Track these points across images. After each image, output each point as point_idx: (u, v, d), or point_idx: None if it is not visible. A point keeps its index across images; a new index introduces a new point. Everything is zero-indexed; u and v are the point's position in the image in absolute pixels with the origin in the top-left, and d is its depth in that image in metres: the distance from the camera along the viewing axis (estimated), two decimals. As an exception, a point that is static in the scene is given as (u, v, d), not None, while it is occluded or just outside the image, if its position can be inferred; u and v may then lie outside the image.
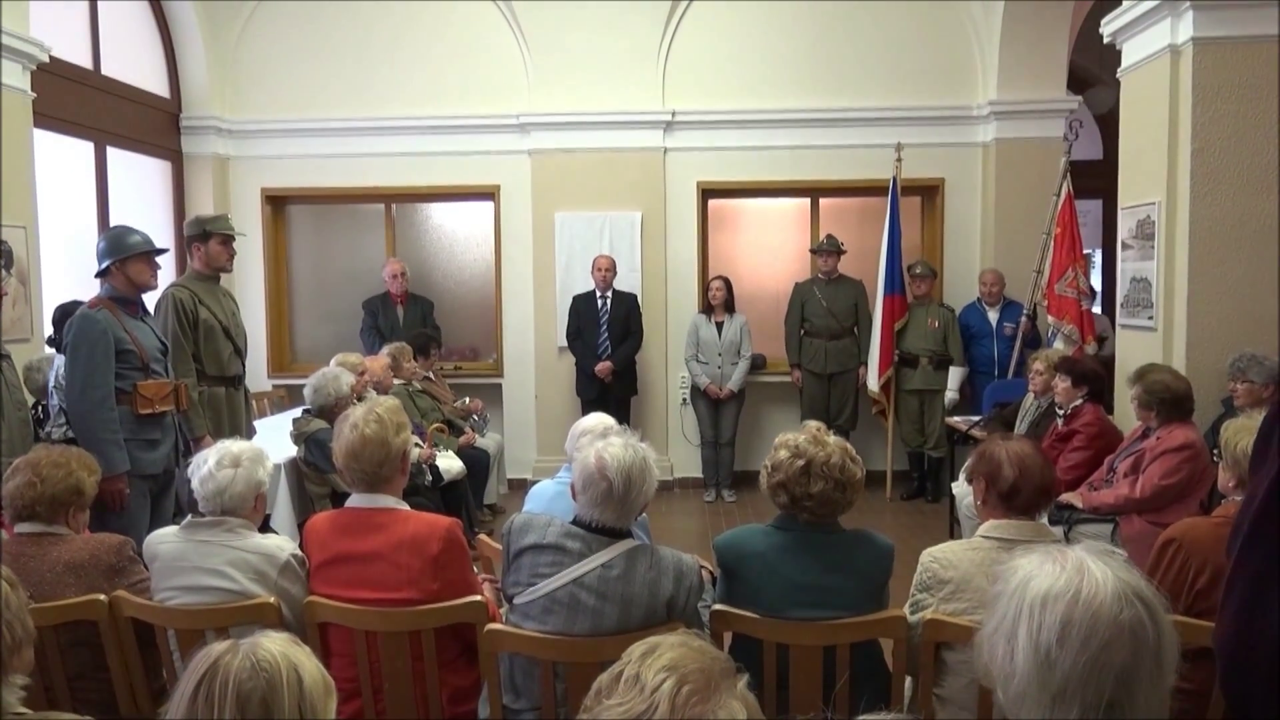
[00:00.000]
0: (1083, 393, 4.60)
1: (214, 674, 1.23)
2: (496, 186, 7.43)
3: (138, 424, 3.82)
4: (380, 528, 2.44)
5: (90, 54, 6.26)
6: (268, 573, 2.48)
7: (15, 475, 2.56)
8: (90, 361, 3.70)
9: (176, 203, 7.26)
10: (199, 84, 7.26)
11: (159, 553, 2.53)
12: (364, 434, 2.46)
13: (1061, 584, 1.14)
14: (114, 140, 6.47)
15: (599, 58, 7.13)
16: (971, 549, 2.35)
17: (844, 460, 2.37)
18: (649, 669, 1.10)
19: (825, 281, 6.97)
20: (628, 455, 2.24)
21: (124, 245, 3.89)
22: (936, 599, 2.33)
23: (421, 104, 7.35)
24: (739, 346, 6.89)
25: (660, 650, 1.13)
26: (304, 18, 7.34)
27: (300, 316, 7.90)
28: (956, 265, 7.36)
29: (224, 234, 4.47)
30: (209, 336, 4.35)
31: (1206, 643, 1.68)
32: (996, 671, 1.17)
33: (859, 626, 2.29)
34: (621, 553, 2.22)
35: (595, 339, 6.80)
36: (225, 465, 2.52)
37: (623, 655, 1.16)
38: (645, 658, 1.12)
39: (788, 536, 2.37)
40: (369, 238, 7.78)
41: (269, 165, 7.50)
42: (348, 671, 2.43)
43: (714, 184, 7.39)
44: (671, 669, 1.10)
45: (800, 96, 7.23)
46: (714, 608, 2.36)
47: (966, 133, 7.28)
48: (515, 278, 7.47)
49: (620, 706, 1.08)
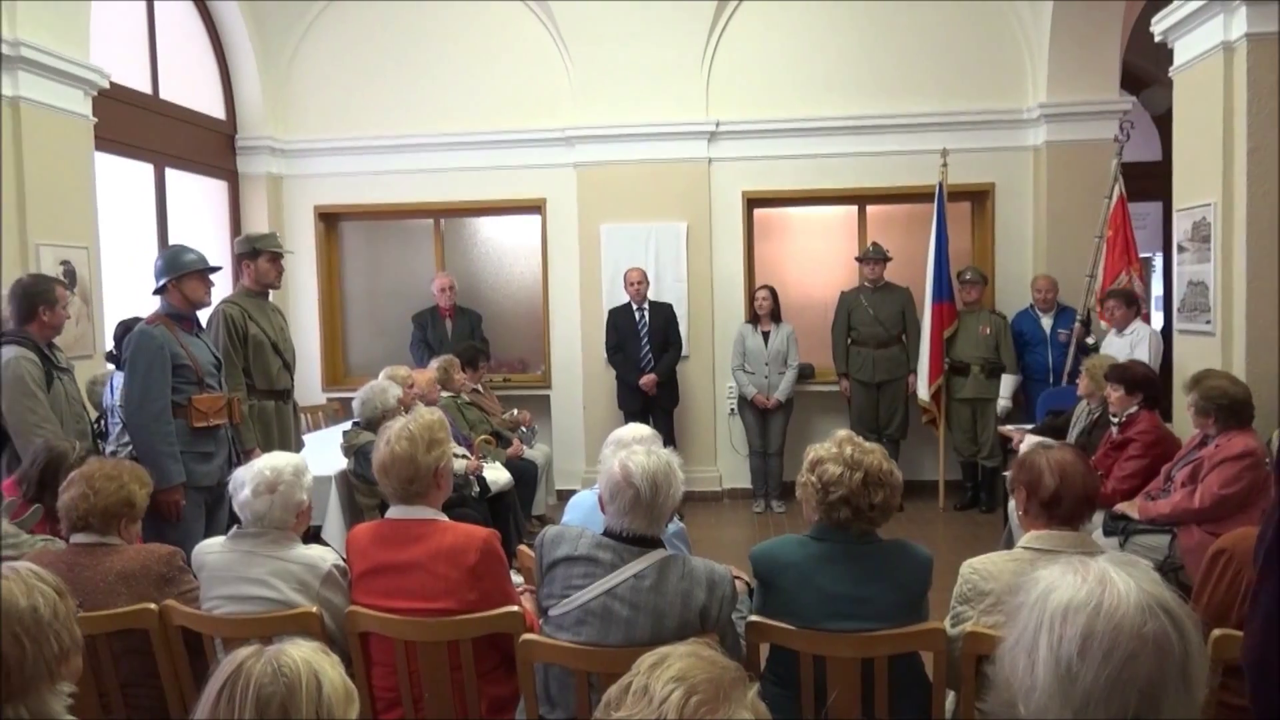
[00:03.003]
0: (1137, 400, 4.49)
1: (237, 676, 1.26)
2: (543, 200, 7.50)
3: (193, 437, 3.92)
4: (419, 538, 2.47)
5: (149, 79, 6.47)
6: (310, 583, 2.53)
7: (70, 487, 2.64)
8: (148, 376, 3.81)
9: (233, 221, 7.46)
10: (253, 106, 7.46)
11: (206, 563, 2.60)
12: (394, 451, 2.51)
13: (1083, 595, 1.11)
14: (172, 162, 6.67)
15: (642, 69, 7.17)
16: (1012, 560, 2.31)
17: (890, 465, 2.37)
18: (657, 680, 1.10)
19: (872, 289, 6.91)
20: (651, 461, 2.25)
21: (179, 263, 4.01)
22: (977, 611, 2.28)
23: (468, 120, 7.45)
24: (786, 356, 6.85)
25: (669, 661, 1.13)
26: (351, 40, 7.51)
27: (352, 331, 8.05)
28: (1008, 271, 7.23)
29: (272, 251, 4.57)
30: (258, 351, 4.45)
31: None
32: (1017, 685, 1.14)
33: (897, 638, 2.26)
34: (653, 563, 2.22)
35: (637, 352, 6.79)
36: (261, 492, 2.56)
37: (632, 666, 1.15)
38: (654, 669, 1.12)
39: (825, 547, 2.35)
40: (418, 252, 7.91)
41: (321, 183, 7.67)
42: (388, 680, 2.47)
43: (759, 193, 7.37)
44: (680, 679, 1.10)
45: (845, 103, 7.19)
46: (750, 618, 2.35)
47: (1016, 136, 7.16)
48: (562, 290, 7.53)
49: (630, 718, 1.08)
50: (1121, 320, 5.77)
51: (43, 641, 1.51)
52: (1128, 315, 5.78)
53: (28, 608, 1.51)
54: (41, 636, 1.51)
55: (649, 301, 6.85)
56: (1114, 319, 5.83)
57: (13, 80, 4.82)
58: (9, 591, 1.51)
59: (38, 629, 1.51)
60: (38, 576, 1.58)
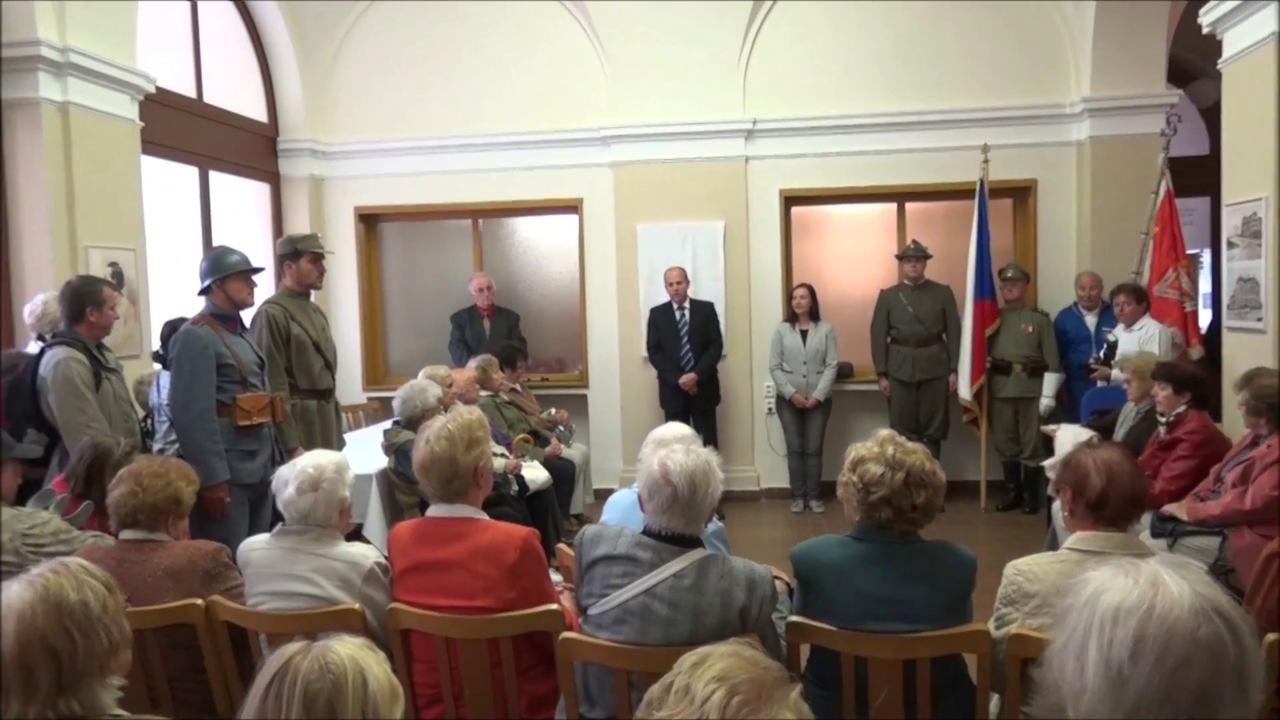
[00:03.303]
0: (1185, 399, 4.40)
1: (284, 672, 1.28)
2: (579, 200, 7.51)
3: (236, 435, 3.98)
4: (459, 536, 2.49)
5: (194, 83, 6.58)
6: (352, 580, 2.55)
7: (119, 485, 2.69)
8: (193, 375, 3.87)
9: (275, 223, 7.56)
10: (294, 109, 7.56)
11: (251, 559, 2.63)
12: (434, 450, 2.52)
13: (1134, 598, 1.09)
14: (216, 164, 6.78)
15: (678, 68, 7.15)
16: (1058, 561, 2.27)
17: (933, 465, 2.34)
18: (699, 679, 1.10)
19: (912, 288, 6.84)
20: (690, 460, 2.24)
21: (223, 264, 4.07)
22: (1022, 613, 2.25)
23: (506, 121, 7.49)
24: (824, 355, 6.81)
25: (711, 660, 1.12)
26: (389, 43, 7.58)
27: (392, 330, 8.13)
28: (1051, 268, 7.13)
29: (314, 252, 4.62)
30: (300, 351, 4.50)
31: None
32: (1066, 688, 1.12)
33: (940, 640, 2.23)
34: (693, 562, 2.21)
35: (677, 351, 6.79)
36: (305, 490, 2.58)
37: (674, 666, 1.15)
38: (695, 668, 1.12)
39: (865, 547, 2.33)
40: (456, 253, 7.96)
41: (360, 184, 7.75)
42: (430, 677, 2.48)
43: (797, 191, 7.33)
44: (722, 679, 1.09)
45: (883, 100, 7.12)
46: (790, 619, 2.33)
47: (1059, 131, 7.05)
48: (599, 289, 7.54)
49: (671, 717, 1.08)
50: (1131, 316, 5.79)
51: (93, 636, 1.54)
52: (1137, 311, 5.81)
53: (78, 602, 1.54)
54: (92, 631, 1.54)
55: (689, 300, 6.84)
56: (1123, 314, 5.82)
57: (62, 86, 4.93)
58: (60, 587, 1.55)
59: (88, 623, 1.54)
60: (88, 572, 1.61)
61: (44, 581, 1.54)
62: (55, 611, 1.51)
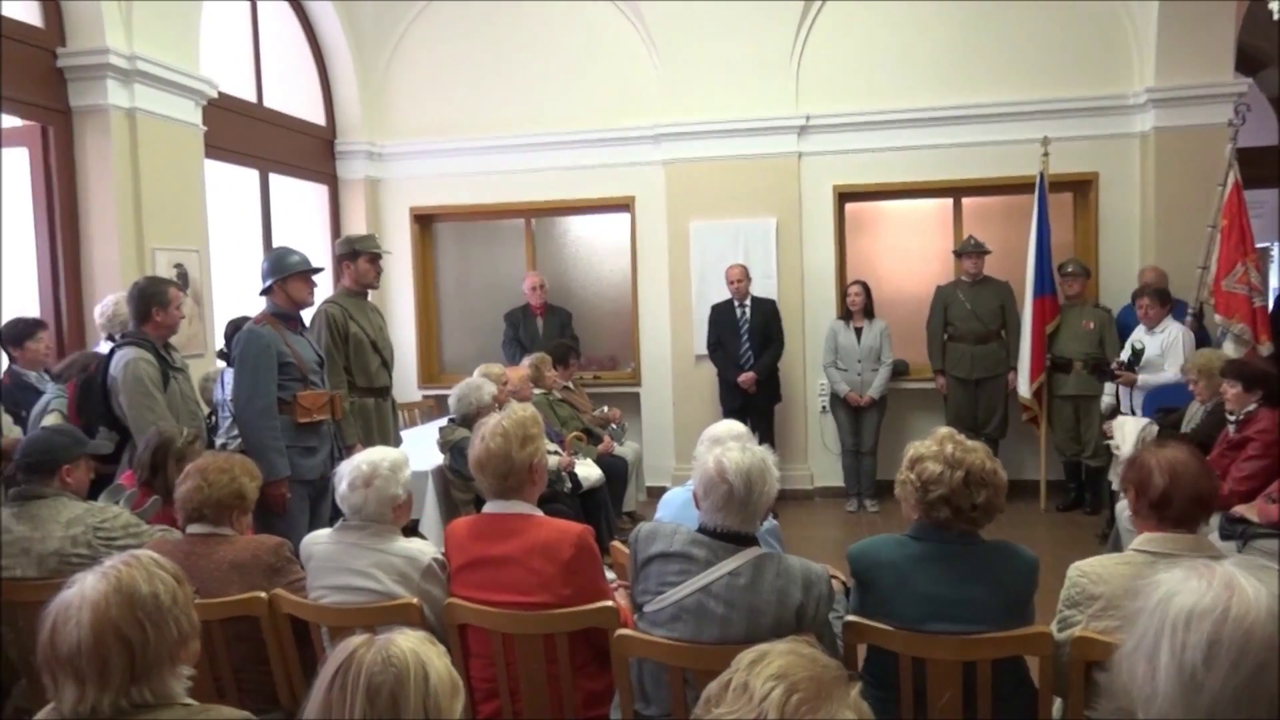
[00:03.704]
0: (1256, 397, 4.27)
1: (349, 665, 1.30)
2: (631, 198, 7.52)
3: (297, 432, 4.06)
4: (514, 533, 2.51)
5: (254, 88, 6.72)
6: (410, 575, 2.59)
7: (186, 480, 2.76)
8: (256, 374, 3.96)
9: (332, 224, 7.70)
10: (351, 111, 7.68)
11: (313, 553, 2.68)
12: (489, 447, 2.55)
13: (1208, 601, 1.06)
14: (275, 167, 6.92)
15: (731, 65, 7.12)
16: (1124, 563, 2.22)
17: (994, 464, 2.31)
18: (757, 677, 1.09)
19: (970, 284, 6.73)
20: (746, 458, 2.23)
21: (284, 265, 4.15)
22: (1086, 615, 2.20)
23: (558, 120, 7.53)
24: (879, 352, 6.74)
25: (769, 658, 1.12)
26: (443, 46, 7.66)
27: (447, 329, 8.23)
28: (1113, 263, 6.96)
29: (371, 252, 4.69)
30: (358, 350, 4.57)
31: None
32: (1136, 692, 1.10)
33: (1000, 642, 2.19)
34: (748, 560, 2.20)
35: (736, 349, 6.75)
36: (358, 486, 2.62)
37: (731, 663, 1.14)
38: (754, 666, 1.11)
39: (924, 546, 2.30)
40: (510, 252, 8.03)
41: (415, 185, 7.86)
42: (486, 672, 2.51)
43: (850, 187, 7.25)
44: (780, 677, 1.09)
45: (939, 93, 7.02)
46: (847, 619, 2.31)
47: (1122, 123, 6.88)
48: (651, 287, 7.54)
49: (730, 715, 1.07)
50: (1155, 318, 5.77)
51: (163, 626, 1.58)
52: (1161, 313, 5.80)
53: (149, 594, 1.58)
54: (162, 621, 1.58)
55: (751, 298, 6.80)
56: (1147, 317, 5.78)
57: (130, 92, 5.08)
58: (132, 579, 1.58)
59: (159, 614, 1.58)
60: (158, 564, 1.66)
61: (117, 573, 1.58)
62: (128, 602, 1.55)
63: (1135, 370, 5.76)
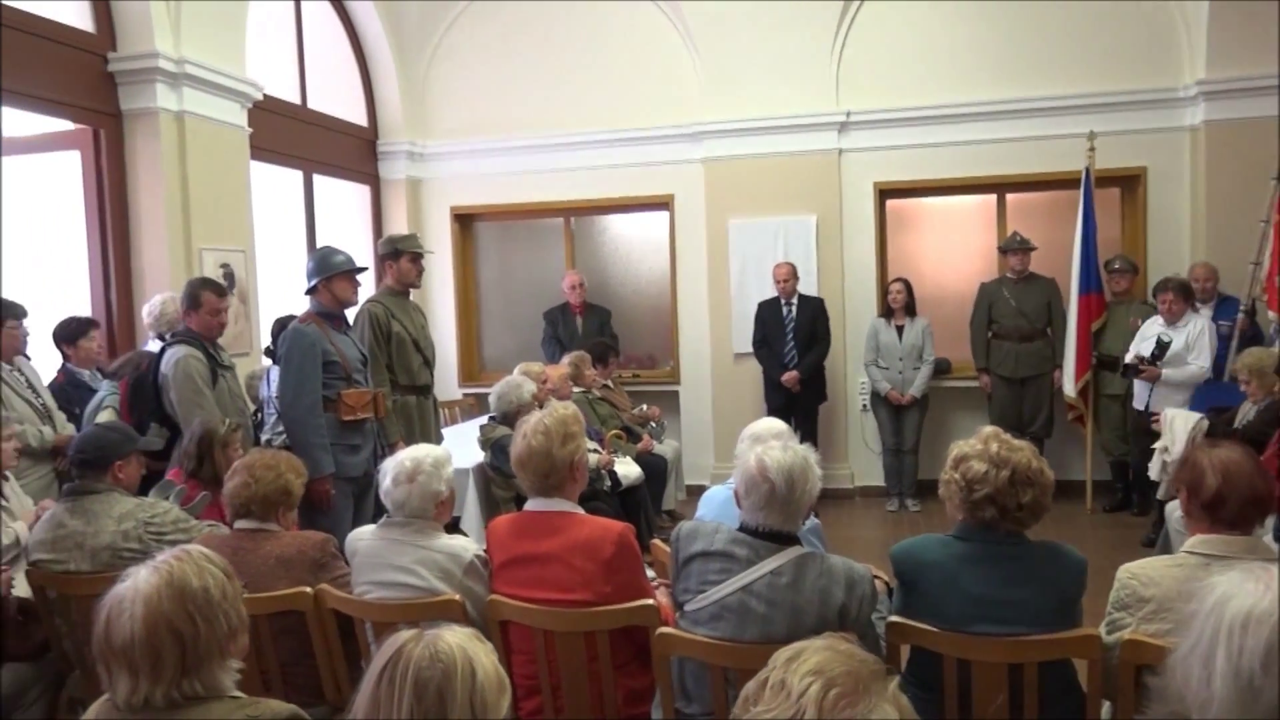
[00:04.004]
0: (1312, 396, 4.16)
1: (397, 659, 1.31)
2: (670, 196, 7.52)
3: (341, 430, 4.10)
4: (556, 530, 2.52)
5: (298, 90, 6.81)
6: (453, 571, 2.61)
7: (234, 477, 2.81)
8: (301, 372, 4.01)
9: (375, 223, 7.78)
10: (392, 112, 7.76)
11: (358, 549, 2.72)
12: (530, 445, 2.56)
13: (1266, 604, 1.03)
14: (319, 168, 7.01)
15: (771, 62, 7.09)
16: (1175, 565, 2.18)
17: (1040, 464, 2.27)
18: (794, 674, 1.09)
19: (1014, 281, 6.63)
20: (788, 456, 2.22)
21: (329, 264, 4.20)
22: (1136, 618, 2.16)
23: (597, 119, 7.54)
24: (921, 350, 6.67)
25: (805, 655, 1.12)
26: (484, 47, 7.71)
27: (487, 328, 8.28)
28: (1162, 260, 6.81)
29: (414, 252, 4.73)
30: (400, 348, 4.61)
31: None
32: (1191, 697, 1.08)
33: (1048, 644, 2.16)
34: (790, 560, 2.19)
35: (781, 347, 6.71)
36: (401, 481, 2.65)
37: (769, 661, 1.14)
38: (790, 663, 1.11)
39: (970, 547, 2.27)
40: (549, 250, 8.06)
41: (455, 185, 7.92)
42: (528, 669, 2.52)
43: (892, 184, 7.19)
44: (818, 673, 1.08)
45: (981, 88, 6.93)
46: (890, 619, 2.29)
47: (1171, 116, 6.74)
48: (690, 286, 7.54)
49: (768, 713, 1.07)
50: (1177, 314, 5.67)
51: (214, 620, 1.60)
52: (1184, 308, 5.71)
53: (200, 588, 1.61)
54: (212, 615, 1.60)
55: (798, 296, 6.76)
56: (1170, 312, 5.66)
57: (178, 96, 5.17)
58: (183, 573, 1.61)
59: (209, 608, 1.60)
60: (208, 559, 1.68)
61: (169, 568, 1.61)
62: (179, 596, 1.58)
63: (1159, 364, 5.62)
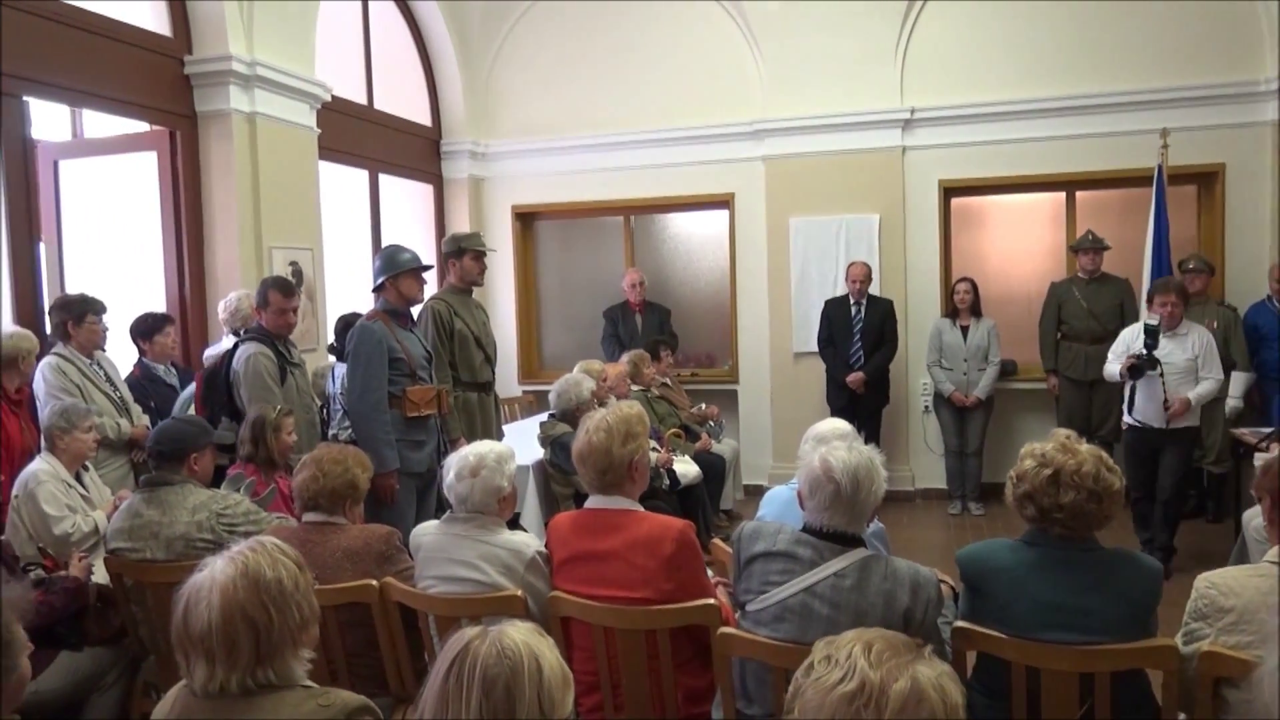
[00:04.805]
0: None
1: (464, 656, 1.32)
2: (731, 194, 7.49)
3: (406, 426, 4.16)
4: (616, 528, 2.52)
5: (365, 91, 6.93)
6: (515, 567, 2.63)
7: (303, 470, 2.87)
8: (368, 369, 4.08)
9: (438, 222, 7.88)
10: (455, 113, 7.86)
11: (422, 544, 2.75)
12: (591, 441, 2.57)
13: (1362, 619, 0.99)
14: (384, 168, 7.12)
15: (833, 60, 7.02)
16: (1257, 575, 2.10)
17: (1099, 469, 2.20)
18: (838, 649, 1.23)
19: (1085, 281, 6.46)
20: (853, 457, 2.20)
21: (396, 262, 4.26)
22: (1215, 629, 2.10)
23: (658, 118, 7.55)
24: (986, 352, 6.55)
25: (839, 639, 1.27)
26: (547, 47, 7.77)
27: (547, 325, 8.34)
28: (1240, 260, 6.59)
29: (476, 250, 4.77)
30: (463, 345, 4.66)
31: None
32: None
33: (1122, 654, 2.10)
34: (855, 562, 2.16)
35: (847, 348, 6.63)
36: (465, 476, 2.68)
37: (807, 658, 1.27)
38: (829, 645, 1.26)
39: (1038, 552, 2.22)
40: (609, 249, 8.09)
41: (517, 184, 8.00)
42: (588, 665, 2.53)
43: (957, 182, 7.06)
44: (857, 640, 1.24)
45: (1051, 84, 6.77)
46: (956, 625, 2.25)
47: (1251, 111, 6.51)
48: (750, 284, 7.50)
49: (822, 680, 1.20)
50: (1179, 318, 5.22)
51: (287, 610, 1.64)
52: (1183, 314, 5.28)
53: (274, 579, 1.64)
54: (285, 605, 1.64)
55: (868, 296, 6.69)
56: (1172, 316, 5.18)
57: (250, 97, 5.29)
58: (258, 564, 1.65)
59: (282, 599, 1.64)
60: (281, 550, 1.72)
61: (244, 558, 1.65)
62: (254, 586, 1.61)
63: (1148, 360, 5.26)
